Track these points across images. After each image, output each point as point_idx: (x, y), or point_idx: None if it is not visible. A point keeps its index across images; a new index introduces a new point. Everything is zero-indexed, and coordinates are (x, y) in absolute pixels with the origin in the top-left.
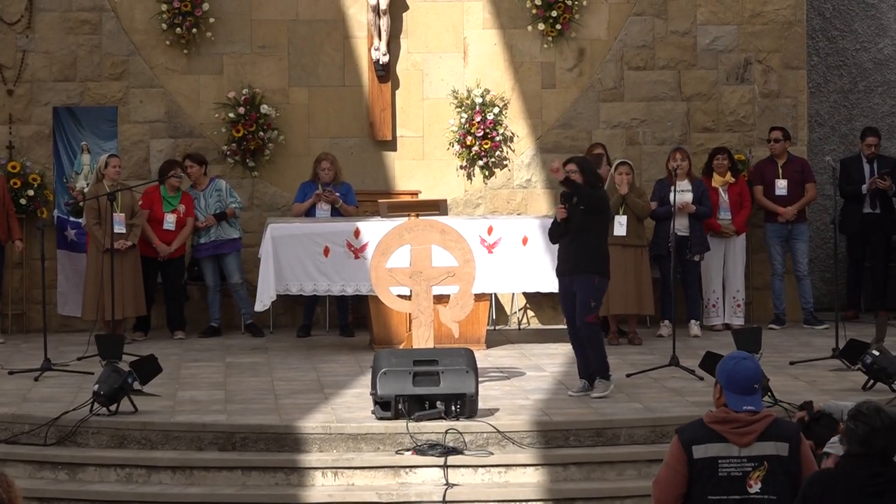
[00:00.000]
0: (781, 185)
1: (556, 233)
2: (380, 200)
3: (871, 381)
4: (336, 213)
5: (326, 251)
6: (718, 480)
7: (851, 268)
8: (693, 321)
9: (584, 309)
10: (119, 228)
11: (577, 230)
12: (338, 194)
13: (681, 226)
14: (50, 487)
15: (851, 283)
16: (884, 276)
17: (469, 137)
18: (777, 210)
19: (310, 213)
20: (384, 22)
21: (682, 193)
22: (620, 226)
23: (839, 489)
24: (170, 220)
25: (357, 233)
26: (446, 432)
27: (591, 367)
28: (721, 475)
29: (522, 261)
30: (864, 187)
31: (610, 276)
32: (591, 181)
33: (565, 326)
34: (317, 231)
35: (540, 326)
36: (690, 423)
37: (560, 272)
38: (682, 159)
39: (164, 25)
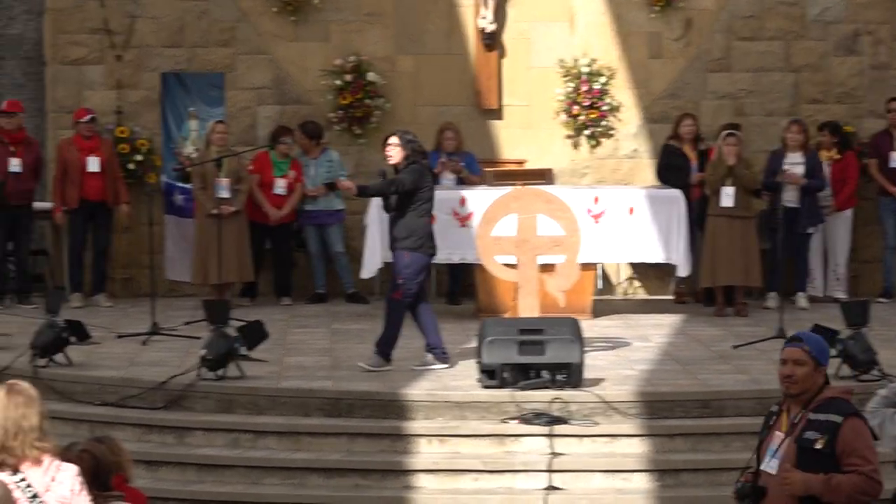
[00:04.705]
0: None
1: (385, 207)
2: (486, 169)
3: None
4: (460, 182)
5: (433, 219)
6: None
7: None
8: (800, 293)
9: (392, 284)
10: (223, 193)
11: (393, 207)
12: (462, 164)
13: (791, 198)
14: (157, 451)
15: None
16: None
17: (576, 107)
18: (889, 189)
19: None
20: None
21: (794, 166)
22: (727, 197)
23: None
24: (280, 185)
25: (463, 201)
26: (552, 401)
27: (428, 340)
28: None
29: (628, 231)
30: None
31: (431, 253)
32: (412, 156)
33: (672, 297)
34: None
35: (646, 297)
36: (843, 403)
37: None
38: (798, 132)
39: None
